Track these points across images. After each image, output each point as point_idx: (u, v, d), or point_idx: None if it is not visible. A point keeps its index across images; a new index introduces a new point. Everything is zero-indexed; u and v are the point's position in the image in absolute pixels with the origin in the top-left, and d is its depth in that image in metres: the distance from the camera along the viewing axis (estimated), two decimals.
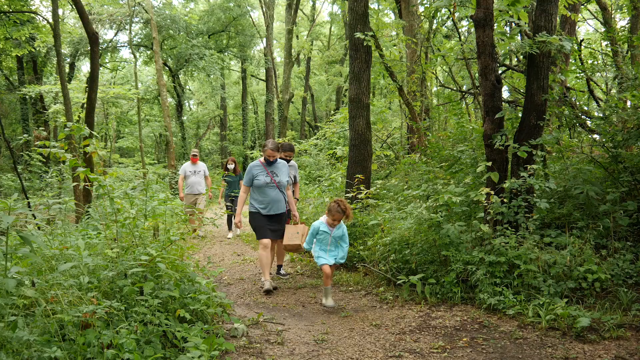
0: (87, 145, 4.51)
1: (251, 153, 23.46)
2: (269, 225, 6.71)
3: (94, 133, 4.42)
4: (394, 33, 18.09)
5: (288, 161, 7.68)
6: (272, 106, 29.91)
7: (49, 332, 2.75)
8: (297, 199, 8.14)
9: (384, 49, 11.59)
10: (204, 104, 41.95)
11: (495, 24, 6.43)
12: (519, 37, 7.45)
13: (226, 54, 32.32)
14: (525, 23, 6.16)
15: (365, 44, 8.96)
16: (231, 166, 11.35)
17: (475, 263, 5.50)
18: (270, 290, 6.41)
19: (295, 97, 32.52)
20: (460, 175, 7.87)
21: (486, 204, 5.96)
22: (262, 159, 6.81)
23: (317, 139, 17.84)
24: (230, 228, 11.67)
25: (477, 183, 6.96)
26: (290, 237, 6.77)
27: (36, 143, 5.67)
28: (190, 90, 40.17)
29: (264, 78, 34.75)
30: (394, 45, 16.68)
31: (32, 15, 17.26)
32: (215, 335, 4.05)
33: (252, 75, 38.47)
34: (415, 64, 13.37)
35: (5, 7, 12.59)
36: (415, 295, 5.77)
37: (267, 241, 6.63)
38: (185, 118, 33.74)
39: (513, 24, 7.01)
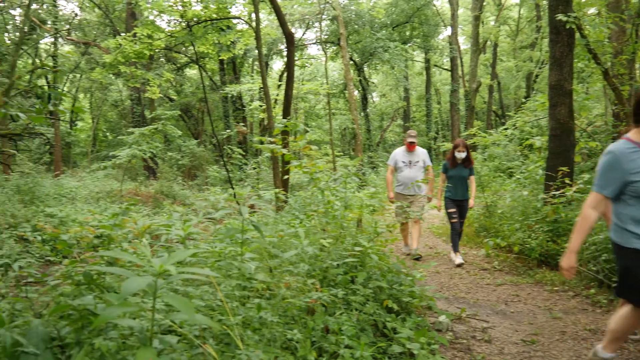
0: (300, 140, 4.80)
1: (440, 144, 23.07)
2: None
3: (306, 128, 4.68)
4: (592, 10, 16.43)
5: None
6: (458, 96, 29.21)
7: (285, 315, 2.98)
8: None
9: (586, 29, 10.58)
10: (386, 96, 42.40)
11: None
12: None
13: (410, 44, 32.23)
14: None
15: (567, 27, 8.28)
16: (461, 154, 7.65)
17: None
18: None
19: (481, 86, 31.33)
20: None
21: None
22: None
23: (506, 128, 16.92)
24: (456, 249, 7.80)
25: None
26: None
27: (244, 135, 6.18)
28: (373, 83, 40.87)
29: (447, 67, 34.05)
30: (600, 25, 15.16)
31: (234, 21, 18.90)
32: (425, 328, 4.06)
33: (436, 65, 37.86)
34: (623, 44, 12.03)
35: (214, 15, 13.96)
36: None
37: None
38: (369, 110, 34.41)
39: None
